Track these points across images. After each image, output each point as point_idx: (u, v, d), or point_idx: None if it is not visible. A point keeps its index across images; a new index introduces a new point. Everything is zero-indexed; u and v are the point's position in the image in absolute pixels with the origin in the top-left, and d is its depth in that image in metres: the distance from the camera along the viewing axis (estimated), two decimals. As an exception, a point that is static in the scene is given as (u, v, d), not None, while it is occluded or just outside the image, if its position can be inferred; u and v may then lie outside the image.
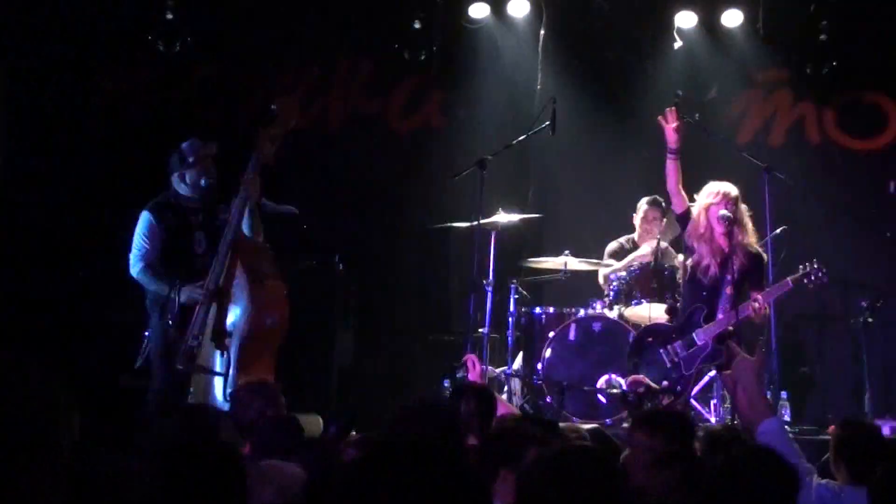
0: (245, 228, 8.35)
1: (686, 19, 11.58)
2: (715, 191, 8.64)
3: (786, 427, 5.12)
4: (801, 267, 8.61)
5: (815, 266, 8.58)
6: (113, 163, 11.56)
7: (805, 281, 8.59)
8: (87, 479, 2.90)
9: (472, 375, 7.44)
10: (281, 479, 4.67)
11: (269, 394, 6.32)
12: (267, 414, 6.10)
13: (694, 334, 8.70)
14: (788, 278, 8.63)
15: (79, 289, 10.53)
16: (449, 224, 10.50)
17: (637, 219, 10.84)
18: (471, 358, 7.81)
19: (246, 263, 8.26)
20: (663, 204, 10.65)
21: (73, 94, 11.92)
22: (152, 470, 3.34)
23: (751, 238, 8.66)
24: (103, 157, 11.66)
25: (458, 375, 8.73)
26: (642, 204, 10.81)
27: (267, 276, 8.40)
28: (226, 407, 7.50)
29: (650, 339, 8.93)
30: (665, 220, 10.54)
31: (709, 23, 11.69)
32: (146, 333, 8.62)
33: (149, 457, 4.20)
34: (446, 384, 10.25)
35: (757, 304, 8.48)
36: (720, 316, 8.60)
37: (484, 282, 10.08)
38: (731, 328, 8.54)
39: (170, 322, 8.13)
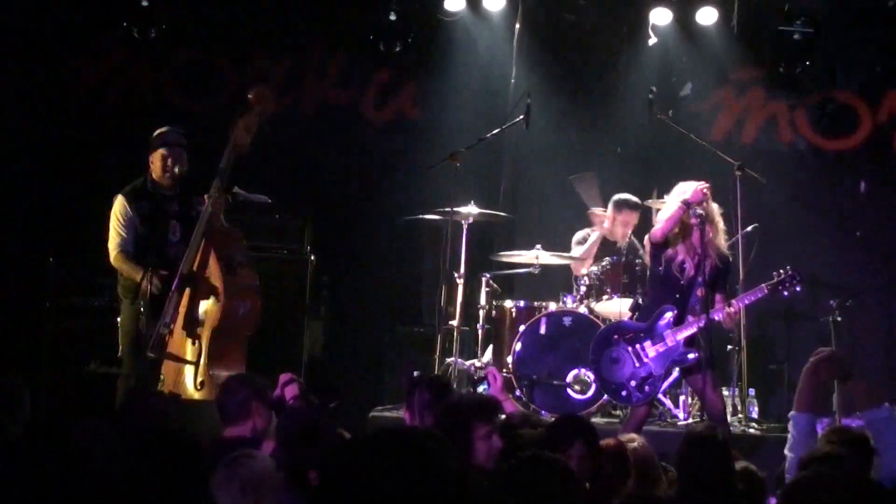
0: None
1: (661, 16, 11.59)
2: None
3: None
4: (775, 274, 8.62)
5: (790, 273, 8.58)
6: (89, 150, 11.50)
7: (780, 288, 8.60)
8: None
9: (494, 389, 7.41)
10: (247, 473, 4.67)
11: (257, 385, 6.34)
12: (251, 404, 6.14)
13: (664, 335, 8.60)
14: (764, 285, 8.61)
15: (53, 276, 10.46)
16: (421, 216, 10.49)
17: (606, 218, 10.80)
18: (491, 371, 7.85)
19: (219, 252, 8.26)
20: (631, 204, 10.59)
21: (49, 82, 11.84)
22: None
23: (720, 237, 8.65)
24: (79, 144, 11.59)
25: (480, 389, 8.84)
26: (609, 206, 10.76)
27: (240, 265, 8.39)
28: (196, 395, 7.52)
29: (616, 336, 8.81)
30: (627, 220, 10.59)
31: (683, 20, 11.71)
32: (118, 320, 8.61)
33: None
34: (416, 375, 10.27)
35: (732, 310, 8.50)
36: (690, 318, 8.56)
37: (455, 274, 10.09)
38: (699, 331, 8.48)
39: (141, 309, 8.12)
